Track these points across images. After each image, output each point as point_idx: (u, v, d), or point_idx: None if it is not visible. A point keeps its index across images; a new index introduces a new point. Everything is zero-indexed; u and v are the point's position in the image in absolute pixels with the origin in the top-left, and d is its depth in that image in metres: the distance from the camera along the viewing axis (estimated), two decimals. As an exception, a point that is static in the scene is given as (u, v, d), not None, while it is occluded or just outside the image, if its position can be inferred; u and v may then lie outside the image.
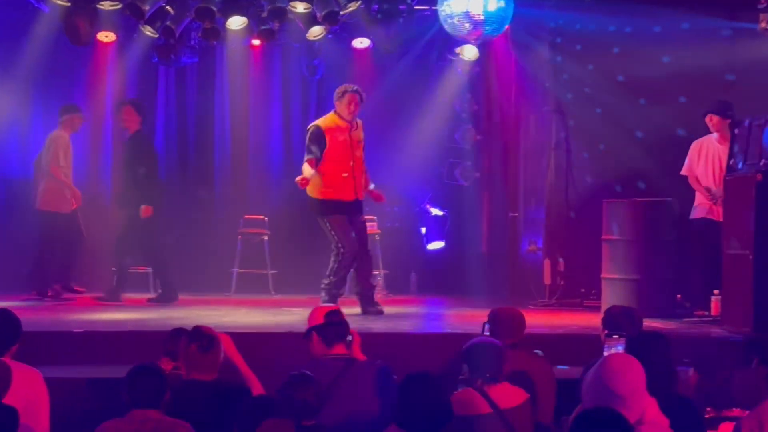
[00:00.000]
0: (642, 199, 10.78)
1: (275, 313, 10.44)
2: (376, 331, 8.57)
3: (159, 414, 4.89)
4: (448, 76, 13.61)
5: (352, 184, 10.13)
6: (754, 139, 9.24)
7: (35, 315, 9.54)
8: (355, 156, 10.15)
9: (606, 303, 10.11)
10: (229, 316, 10.13)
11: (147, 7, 11.78)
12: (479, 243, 14.09)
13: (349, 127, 10.15)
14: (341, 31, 13.17)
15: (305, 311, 10.27)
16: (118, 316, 10.06)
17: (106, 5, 12.03)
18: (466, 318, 10.24)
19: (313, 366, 5.44)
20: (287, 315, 10.26)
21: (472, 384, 5.48)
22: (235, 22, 12.51)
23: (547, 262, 12.27)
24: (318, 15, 12.08)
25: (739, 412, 5.58)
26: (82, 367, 7.66)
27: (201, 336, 5.54)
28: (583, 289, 11.91)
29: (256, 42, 13.40)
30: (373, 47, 13.46)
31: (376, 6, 12.45)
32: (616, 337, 5.24)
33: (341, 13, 12.09)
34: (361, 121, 10.33)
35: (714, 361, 5.66)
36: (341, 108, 10.14)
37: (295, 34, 13.01)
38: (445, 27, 11.70)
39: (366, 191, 10.39)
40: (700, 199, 10.72)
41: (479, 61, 13.29)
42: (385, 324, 9.59)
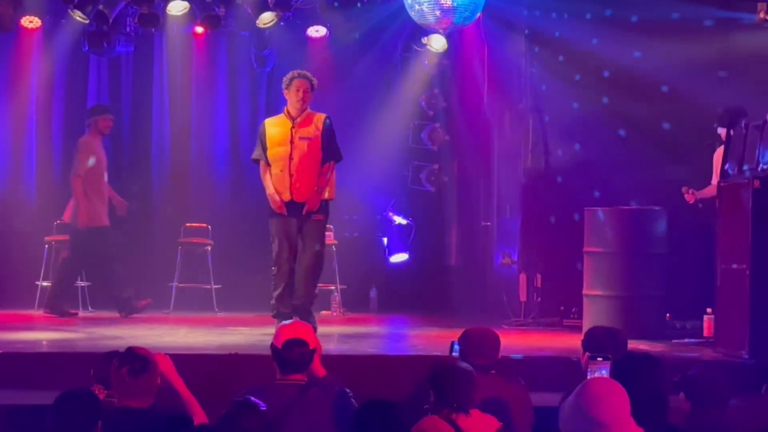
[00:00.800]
0: (628, 207, 10.83)
1: (220, 333, 10.39)
2: (331, 353, 8.52)
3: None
4: (413, 70, 13.63)
5: (288, 182, 10.05)
6: (751, 143, 9.28)
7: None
8: (294, 152, 10.04)
9: (588, 322, 10.15)
10: (168, 335, 10.09)
11: (77, -10, 11.74)
12: (447, 255, 14.11)
13: (292, 119, 10.08)
14: (294, 18, 13.17)
15: (252, 331, 10.39)
16: (42, 336, 9.98)
17: (31, -13, 11.99)
18: (432, 339, 10.25)
19: (262, 391, 5.41)
20: (233, 335, 10.23)
21: (439, 412, 5.45)
22: (176, 7, 12.49)
23: (522, 277, 12.29)
24: (269, 0, 12.07)
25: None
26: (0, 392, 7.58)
27: (133, 358, 5.47)
28: (562, 307, 11.95)
29: (200, 29, 13.35)
30: (330, 36, 13.47)
31: (334, -10, 12.49)
32: (600, 359, 5.22)
33: (295, -3, 12.11)
34: (324, 116, 10.21)
35: (708, 387, 5.65)
36: (289, 97, 10.11)
37: (243, 21, 12.99)
38: (411, 14, 11.70)
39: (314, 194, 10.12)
40: None
41: (448, 53, 13.31)
42: (342, 345, 9.57)
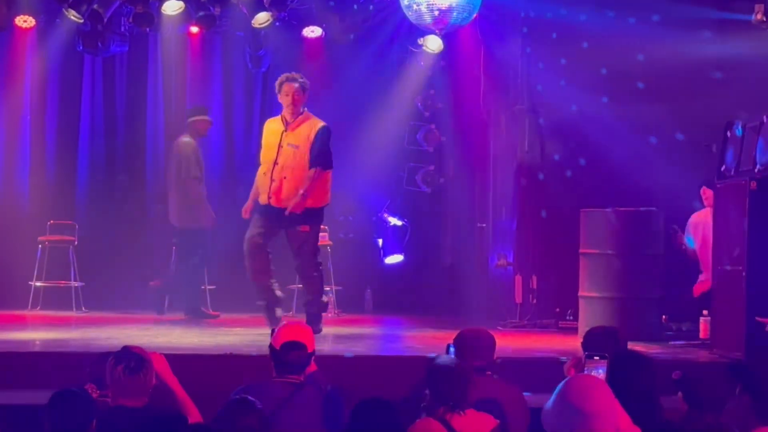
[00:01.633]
0: (624, 209, 10.82)
1: (214, 333, 10.38)
2: (326, 353, 8.51)
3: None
4: (409, 70, 13.63)
5: (269, 186, 10.03)
6: (748, 144, 9.30)
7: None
8: (280, 158, 10.01)
9: (584, 324, 10.16)
10: (162, 336, 10.07)
11: (71, -11, 11.71)
12: (443, 256, 14.11)
13: (285, 125, 10.06)
14: (290, 18, 13.16)
15: (247, 331, 10.36)
16: (35, 336, 9.97)
17: (25, -15, 11.98)
18: (427, 340, 10.24)
19: (256, 390, 5.40)
20: (227, 335, 10.21)
21: (434, 411, 5.45)
22: (171, 7, 12.45)
23: (518, 279, 12.29)
24: (264, 0, 12.05)
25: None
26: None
27: (129, 357, 5.47)
28: (558, 309, 11.95)
29: (195, 29, 13.35)
30: (326, 37, 13.46)
31: (330, -10, 12.48)
32: (597, 358, 5.21)
33: (290, -3, 12.09)
34: (321, 125, 10.12)
35: (704, 388, 5.65)
36: (281, 102, 10.10)
37: (238, 21, 12.97)
38: (408, 15, 11.71)
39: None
40: None
41: (444, 54, 13.30)
42: (336, 346, 9.56)
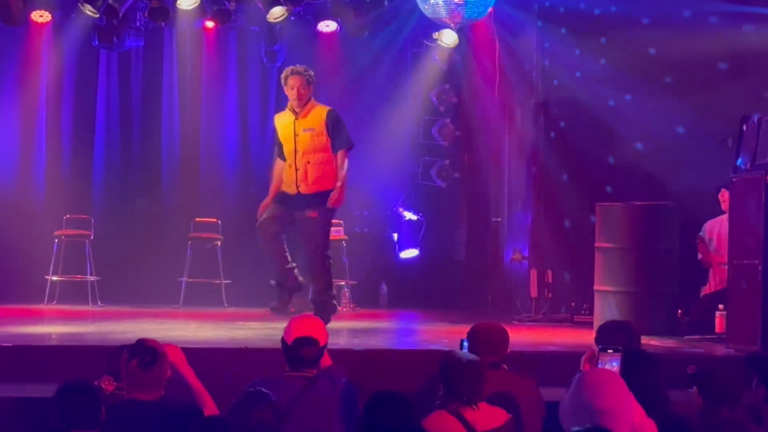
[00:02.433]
0: (640, 203, 10.80)
1: (229, 328, 10.39)
2: (341, 347, 8.52)
3: (97, 435, 4.87)
4: (424, 65, 13.64)
5: (294, 176, 10.03)
6: (764, 136, 9.28)
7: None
8: (299, 145, 10.01)
9: (599, 318, 10.15)
10: (177, 330, 10.08)
11: (87, -16, 11.76)
12: (458, 251, 14.10)
13: (294, 114, 10.09)
14: (305, 12, 13.17)
15: (262, 326, 10.37)
16: (52, 330, 10.00)
17: (41, -19, 12.01)
18: (441, 334, 10.24)
19: (270, 383, 5.42)
20: (242, 329, 10.23)
21: (447, 405, 5.46)
22: (186, 2, 12.49)
23: (533, 273, 12.29)
24: (279, -6, 12.08)
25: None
26: (10, 384, 7.59)
27: (143, 350, 5.47)
28: (573, 303, 11.96)
29: (210, 24, 13.37)
30: (341, 31, 13.45)
31: (345, -15, 12.48)
32: (611, 351, 5.19)
33: (305, -8, 12.10)
34: (328, 109, 10.13)
35: (720, 382, 5.64)
36: (287, 93, 10.10)
37: (253, 16, 13.00)
38: (423, 9, 11.70)
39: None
40: None
41: (459, 48, 13.31)
42: (351, 339, 9.57)
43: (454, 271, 13.88)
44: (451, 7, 11.38)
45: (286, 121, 10.11)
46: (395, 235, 14.10)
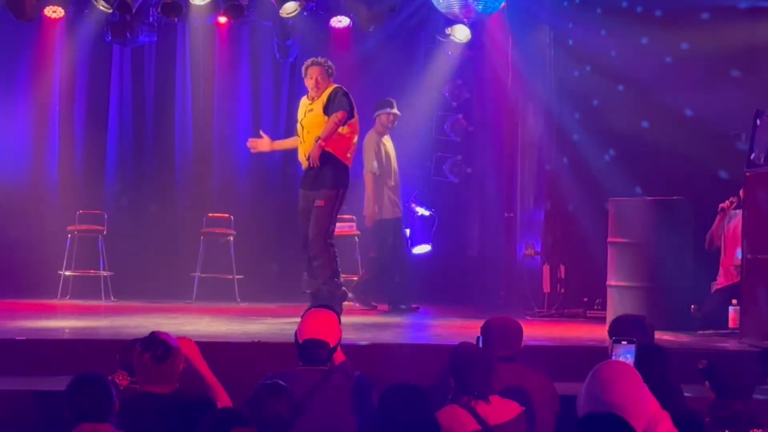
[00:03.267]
0: (653, 198, 10.79)
1: (242, 323, 10.39)
2: (353, 342, 8.52)
3: (110, 428, 4.89)
4: (436, 60, 13.62)
5: (300, 149, 10.36)
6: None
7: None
8: (305, 121, 10.31)
9: (612, 313, 10.13)
10: (190, 324, 10.09)
11: (100, -21, 11.78)
12: (470, 247, 14.09)
13: (312, 100, 10.33)
14: (317, 8, 13.18)
15: (276, 321, 10.38)
16: (67, 324, 10.03)
17: (55, -24, 12.02)
18: (454, 329, 10.23)
19: (284, 377, 5.42)
20: (255, 324, 10.23)
21: (459, 399, 5.47)
22: (199, -3, 12.48)
23: (546, 268, 12.28)
24: (292, -10, 12.09)
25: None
26: (24, 378, 7.62)
27: (156, 344, 5.49)
28: (586, 299, 11.94)
29: (223, 19, 13.38)
30: (353, 26, 13.45)
31: (357, -20, 12.48)
32: (625, 343, 5.15)
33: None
34: (334, 86, 10.27)
35: (732, 376, 5.64)
36: (307, 84, 10.39)
37: (266, 11, 13.00)
38: (436, 3, 11.69)
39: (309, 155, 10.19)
40: None
41: (472, 43, 13.29)
42: (363, 334, 9.57)
43: (467, 266, 13.88)
44: (465, 1, 11.37)
45: (303, 103, 10.43)
46: (408, 231, 14.08)
